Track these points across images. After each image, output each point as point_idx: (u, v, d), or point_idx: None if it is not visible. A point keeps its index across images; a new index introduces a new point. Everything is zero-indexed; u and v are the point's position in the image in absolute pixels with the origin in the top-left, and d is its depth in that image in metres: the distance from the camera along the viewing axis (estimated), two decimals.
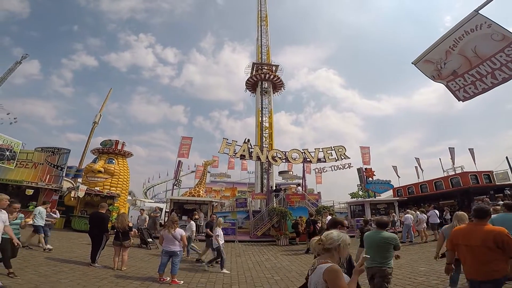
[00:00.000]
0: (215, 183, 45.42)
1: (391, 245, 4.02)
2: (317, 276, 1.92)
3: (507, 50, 3.25)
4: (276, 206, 17.50)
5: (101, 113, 42.10)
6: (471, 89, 3.75)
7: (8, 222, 5.06)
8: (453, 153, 24.63)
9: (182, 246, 6.24)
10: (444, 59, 3.97)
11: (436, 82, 4.21)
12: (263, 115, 30.70)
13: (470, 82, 3.74)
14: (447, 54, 3.92)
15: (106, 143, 19.47)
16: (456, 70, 3.87)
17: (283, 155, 20.82)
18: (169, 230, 6.17)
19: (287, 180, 46.25)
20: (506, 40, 3.22)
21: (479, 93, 3.69)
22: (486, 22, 3.31)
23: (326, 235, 2.09)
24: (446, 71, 4.00)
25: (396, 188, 24.35)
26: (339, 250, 2.01)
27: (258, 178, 29.08)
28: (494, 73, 3.43)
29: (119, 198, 17.50)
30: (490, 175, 18.60)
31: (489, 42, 3.38)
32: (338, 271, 1.87)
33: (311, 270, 2.05)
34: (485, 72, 3.53)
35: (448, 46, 3.85)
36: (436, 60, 4.06)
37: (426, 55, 4.18)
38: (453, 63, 3.88)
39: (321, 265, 1.95)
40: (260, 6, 36.47)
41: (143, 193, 49.57)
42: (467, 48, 3.65)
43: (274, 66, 31.74)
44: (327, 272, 1.86)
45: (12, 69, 52.62)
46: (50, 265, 6.89)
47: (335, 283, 1.82)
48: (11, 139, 18.26)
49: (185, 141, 23.59)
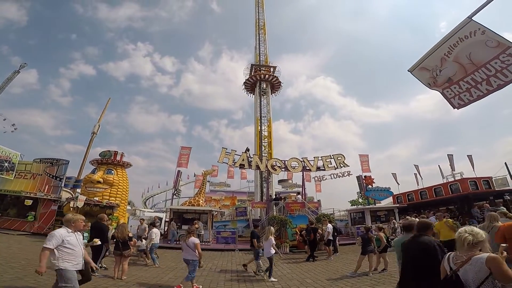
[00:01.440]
0: (215, 192, 45.21)
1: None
2: (477, 265, 2.12)
3: (502, 57, 3.24)
4: (276, 215, 17.41)
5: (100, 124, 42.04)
6: (466, 96, 3.75)
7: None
8: (452, 159, 24.73)
9: (197, 255, 6.27)
10: (440, 66, 3.97)
11: (432, 89, 4.20)
12: (262, 124, 30.90)
13: (465, 89, 3.74)
14: (442, 61, 3.92)
15: (105, 153, 19.51)
16: (451, 77, 3.87)
17: (283, 164, 20.84)
18: (184, 240, 6.39)
19: (286, 189, 46.09)
20: (500, 46, 3.22)
21: (474, 100, 3.69)
22: (480, 29, 3.31)
23: (472, 230, 2.31)
24: (441, 78, 4.00)
25: (396, 195, 24.32)
26: (485, 242, 2.28)
27: (258, 187, 29.03)
28: (489, 79, 3.42)
29: (119, 208, 17.49)
30: (489, 181, 18.63)
31: (484, 48, 3.37)
32: (499, 258, 2.09)
33: (458, 264, 2.24)
34: (480, 79, 3.52)
35: (443, 53, 3.85)
36: (432, 68, 4.07)
37: (421, 62, 4.18)
38: (448, 70, 3.88)
39: (475, 256, 2.16)
40: (258, 15, 37.13)
41: (143, 202, 49.19)
42: (462, 55, 3.65)
43: (272, 67, 32.88)
44: (490, 260, 2.07)
45: (10, 78, 52.29)
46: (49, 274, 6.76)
47: (501, 268, 2.03)
48: (10, 151, 18.31)
49: (184, 151, 23.63)
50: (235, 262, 10.90)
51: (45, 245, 3.70)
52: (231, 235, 16.23)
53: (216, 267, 9.67)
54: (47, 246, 3.69)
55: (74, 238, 3.98)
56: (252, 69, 32.89)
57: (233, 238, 15.93)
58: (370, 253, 8.06)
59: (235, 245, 15.04)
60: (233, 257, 12.31)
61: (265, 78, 31.70)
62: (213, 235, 17.20)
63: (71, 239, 3.90)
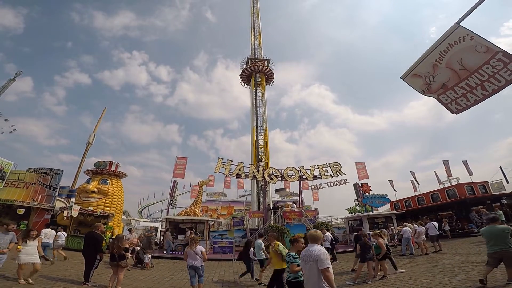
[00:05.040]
0: (211, 202, 44.80)
1: (508, 233, 5.35)
2: None
3: (492, 62, 3.23)
4: (274, 224, 17.28)
5: (95, 133, 41.75)
6: (463, 101, 3.69)
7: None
8: (447, 165, 24.91)
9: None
10: (432, 73, 3.93)
11: (427, 96, 4.14)
12: (258, 134, 31.00)
13: (461, 95, 3.69)
14: (434, 68, 3.89)
15: (100, 164, 19.37)
16: (446, 83, 3.83)
17: (279, 173, 20.82)
18: (191, 248, 6.59)
19: (284, 198, 45.87)
20: (489, 52, 3.22)
21: (471, 105, 3.64)
22: (469, 34, 3.31)
23: None
24: (435, 84, 3.94)
25: (393, 202, 24.30)
26: None
27: (255, 196, 28.90)
28: (484, 84, 3.39)
29: (113, 217, 17.25)
30: (486, 185, 18.75)
31: (474, 54, 3.37)
32: None
33: None
34: (474, 84, 3.48)
35: (434, 60, 3.82)
36: (424, 74, 4.02)
37: (413, 69, 4.13)
38: (442, 76, 3.84)
39: None
40: (253, 24, 37.79)
41: (138, 212, 48.64)
42: (454, 61, 3.63)
43: (266, 60, 35.85)
44: None
45: (5, 86, 51.91)
46: (42, 283, 6.69)
47: None
48: (3, 160, 18.20)
49: (180, 161, 23.49)
50: (232, 272, 10.73)
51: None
52: (228, 245, 16.05)
53: (213, 277, 9.53)
54: None
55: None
56: (248, 62, 35.38)
57: (230, 248, 15.77)
58: (369, 260, 7.99)
59: (233, 254, 14.84)
60: (230, 267, 12.12)
61: (259, 70, 34.18)
62: (210, 245, 16.97)
63: None
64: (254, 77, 34.02)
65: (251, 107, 32.86)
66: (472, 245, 11.81)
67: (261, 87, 34.15)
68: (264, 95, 33.37)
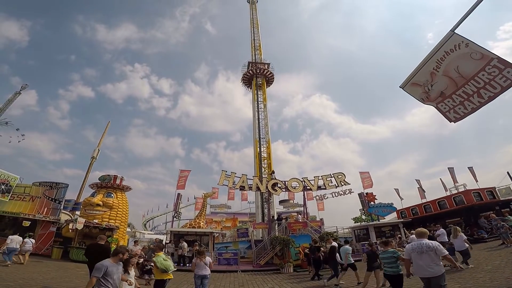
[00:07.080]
0: (216, 214, 44.47)
1: None
2: None
3: (488, 69, 3.26)
4: (279, 235, 17.15)
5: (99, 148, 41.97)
6: (461, 109, 3.69)
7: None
8: (453, 172, 24.67)
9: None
10: (431, 81, 3.95)
11: (426, 104, 4.14)
12: (261, 145, 31.13)
13: (458, 103, 3.69)
14: (432, 76, 3.91)
15: (104, 177, 19.63)
16: (443, 91, 3.84)
17: (283, 184, 20.76)
18: (200, 259, 6.98)
19: (288, 209, 45.47)
20: (484, 58, 3.25)
21: (469, 113, 3.65)
22: (464, 42, 3.35)
23: None
24: (434, 93, 3.96)
25: (400, 210, 24.03)
26: None
27: (259, 208, 28.78)
28: (480, 92, 3.40)
29: (118, 230, 17.34)
30: (493, 191, 18.52)
31: (470, 61, 3.40)
32: None
33: None
34: (471, 92, 3.49)
35: (431, 68, 3.84)
36: (423, 82, 4.03)
37: (412, 78, 4.15)
38: (440, 84, 3.85)
39: None
40: (253, 35, 38.54)
41: (143, 224, 48.42)
42: (450, 68, 3.65)
43: (266, 64, 37.04)
44: None
45: (11, 100, 51.64)
46: None
47: None
48: (9, 174, 18.57)
49: (183, 173, 23.72)
50: (237, 283, 10.61)
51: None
52: (233, 256, 15.97)
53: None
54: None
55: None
56: (249, 65, 36.44)
57: (235, 259, 15.67)
58: (376, 269, 7.88)
59: (238, 266, 14.71)
60: (235, 278, 11.99)
61: (260, 73, 35.18)
62: (215, 257, 16.85)
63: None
64: (255, 79, 34.85)
65: (253, 119, 33.09)
66: (483, 251, 11.58)
67: (262, 90, 34.71)
68: (266, 106, 33.68)
